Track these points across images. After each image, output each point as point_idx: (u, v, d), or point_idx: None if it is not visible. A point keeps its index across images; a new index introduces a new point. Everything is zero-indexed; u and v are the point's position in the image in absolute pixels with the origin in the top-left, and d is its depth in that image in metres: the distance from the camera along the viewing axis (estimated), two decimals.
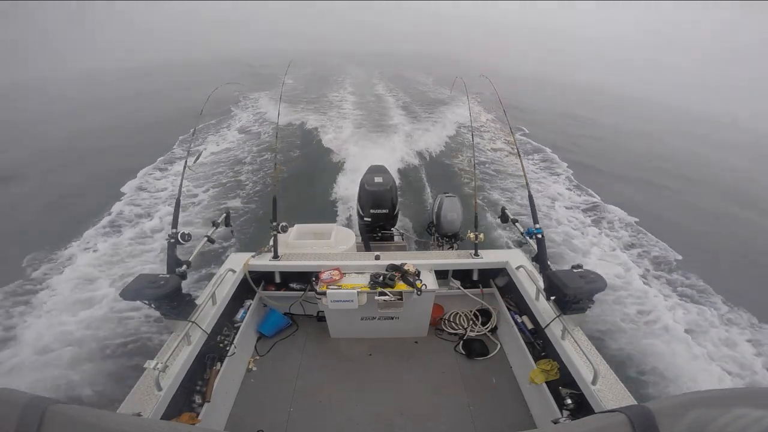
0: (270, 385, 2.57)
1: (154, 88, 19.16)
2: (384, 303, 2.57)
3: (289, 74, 3.66)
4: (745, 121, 26.57)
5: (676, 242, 6.77)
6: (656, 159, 13.79)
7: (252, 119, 13.27)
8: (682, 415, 0.46)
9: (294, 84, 19.24)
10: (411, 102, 16.72)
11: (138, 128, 12.55)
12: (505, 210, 2.95)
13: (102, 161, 9.56)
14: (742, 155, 17.27)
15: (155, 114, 14.39)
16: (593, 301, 2.16)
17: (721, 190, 11.59)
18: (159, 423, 1.09)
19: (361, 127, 11.83)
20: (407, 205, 6.79)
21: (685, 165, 13.79)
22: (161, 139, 10.61)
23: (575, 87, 34.00)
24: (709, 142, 19.42)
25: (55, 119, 13.92)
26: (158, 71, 25.68)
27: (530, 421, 2.33)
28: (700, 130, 22.21)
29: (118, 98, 17.15)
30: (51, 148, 10.59)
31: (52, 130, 12.40)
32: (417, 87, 21.57)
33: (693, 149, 16.91)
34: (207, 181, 8.15)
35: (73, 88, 19.86)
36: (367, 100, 16.36)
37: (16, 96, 18.21)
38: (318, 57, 35.69)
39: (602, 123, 19.45)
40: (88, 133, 12.04)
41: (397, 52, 52.04)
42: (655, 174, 11.95)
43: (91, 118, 13.78)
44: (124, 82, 22.21)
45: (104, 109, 15.17)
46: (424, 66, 32.45)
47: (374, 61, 34.65)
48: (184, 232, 2.34)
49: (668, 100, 32.94)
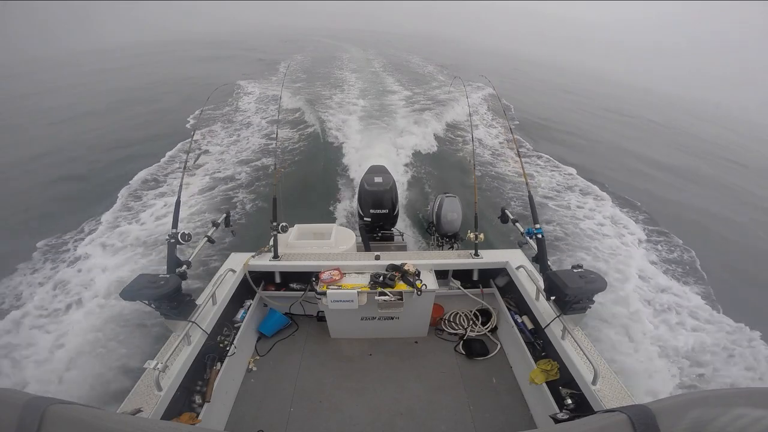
0: (270, 385, 2.57)
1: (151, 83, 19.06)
2: (384, 303, 2.57)
3: (289, 66, 3.66)
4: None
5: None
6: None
7: (252, 119, 13.26)
8: (683, 414, 0.46)
9: (294, 83, 19.22)
10: (413, 100, 16.72)
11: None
12: (505, 210, 2.94)
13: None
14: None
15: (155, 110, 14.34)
16: (593, 301, 2.16)
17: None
18: (159, 423, 1.09)
19: (361, 126, 11.82)
20: (407, 205, 6.79)
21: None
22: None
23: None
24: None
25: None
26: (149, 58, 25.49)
27: (530, 421, 2.33)
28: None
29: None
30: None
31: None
32: (417, 87, 21.59)
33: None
34: (207, 180, 8.14)
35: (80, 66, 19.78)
36: (367, 97, 16.36)
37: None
38: (315, 38, 35.19)
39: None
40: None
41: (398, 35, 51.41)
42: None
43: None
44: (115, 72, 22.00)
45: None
46: (427, 53, 32.19)
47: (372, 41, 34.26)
48: (184, 232, 2.34)
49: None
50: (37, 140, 10.85)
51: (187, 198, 7.14)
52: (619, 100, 26.21)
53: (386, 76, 21.05)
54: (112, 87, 17.65)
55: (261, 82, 18.76)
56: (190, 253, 2.46)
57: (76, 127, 12.13)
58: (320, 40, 33.00)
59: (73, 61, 25.31)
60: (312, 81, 19.32)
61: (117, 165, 9.11)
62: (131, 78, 20.09)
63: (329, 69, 22.03)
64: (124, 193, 7.37)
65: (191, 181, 7.82)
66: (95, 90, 17.16)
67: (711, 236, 7.93)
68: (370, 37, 33.20)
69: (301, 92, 16.13)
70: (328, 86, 18.15)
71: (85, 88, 17.77)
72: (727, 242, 7.88)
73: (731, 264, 6.85)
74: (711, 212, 9.45)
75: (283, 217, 2.88)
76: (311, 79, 19.42)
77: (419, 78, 22.64)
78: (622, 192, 8.96)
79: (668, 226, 7.58)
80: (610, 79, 35.75)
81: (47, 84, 18.59)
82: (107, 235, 5.91)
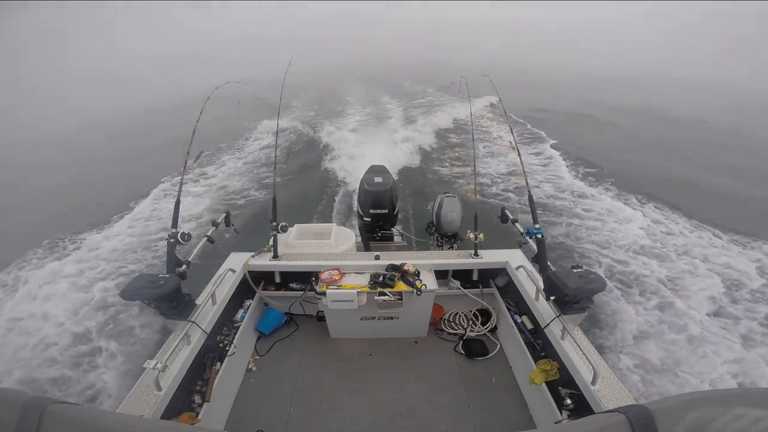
0: (270, 385, 2.56)
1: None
2: (384, 303, 2.57)
3: (290, 64, 3.66)
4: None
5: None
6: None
7: (252, 119, 13.25)
8: (682, 415, 0.46)
9: (295, 82, 19.19)
10: (411, 99, 16.72)
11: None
12: (505, 210, 2.94)
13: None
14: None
15: (154, 110, 14.36)
16: (593, 301, 2.16)
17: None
18: (159, 423, 1.09)
19: (361, 126, 11.82)
20: (407, 205, 6.79)
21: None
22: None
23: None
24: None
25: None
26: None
27: (530, 421, 2.33)
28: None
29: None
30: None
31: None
32: (417, 84, 21.58)
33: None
34: (207, 180, 8.14)
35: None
36: (366, 96, 16.37)
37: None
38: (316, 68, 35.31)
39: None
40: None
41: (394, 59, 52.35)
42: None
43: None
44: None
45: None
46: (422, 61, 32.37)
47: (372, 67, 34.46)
48: (184, 232, 2.34)
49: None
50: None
51: (186, 198, 7.15)
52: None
53: (381, 84, 21.14)
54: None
55: (261, 82, 18.76)
56: (190, 252, 2.46)
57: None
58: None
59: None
60: (311, 82, 19.34)
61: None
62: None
63: (327, 77, 22.15)
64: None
65: (191, 181, 7.83)
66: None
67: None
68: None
69: (301, 92, 16.16)
70: (325, 89, 18.18)
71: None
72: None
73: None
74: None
75: (283, 217, 2.88)
76: (311, 81, 19.46)
77: (419, 84, 22.75)
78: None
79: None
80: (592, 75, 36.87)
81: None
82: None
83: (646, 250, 6.02)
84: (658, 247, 6.12)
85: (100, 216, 7.19)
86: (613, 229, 6.64)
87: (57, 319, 4.40)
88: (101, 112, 19.53)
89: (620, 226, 6.76)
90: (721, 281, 5.27)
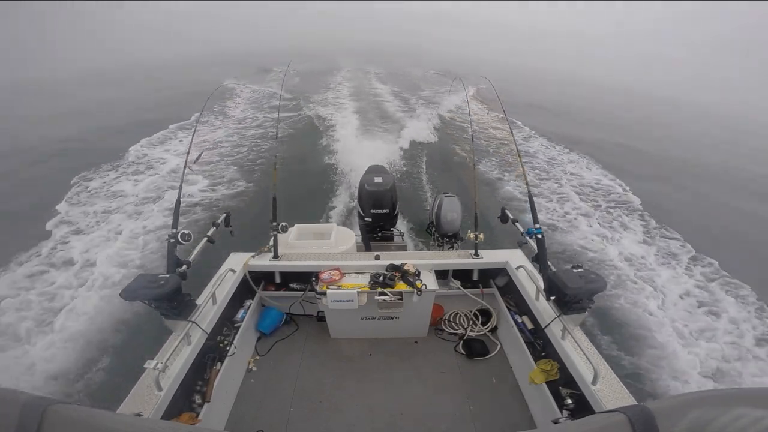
0: (270, 385, 2.57)
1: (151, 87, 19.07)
2: (384, 303, 2.57)
3: (289, 71, 3.66)
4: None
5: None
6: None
7: (252, 119, 13.25)
8: (682, 415, 0.46)
9: (295, 82, 19.22)
10: (410, 99, 16.74)
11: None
12: (505, 210, 2.94)
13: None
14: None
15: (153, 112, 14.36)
16: (593, 301, 2.16)
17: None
18: (159, 423, 1.09)
19: (361, 126, 11.83)
20: (407, 205, 6.79)
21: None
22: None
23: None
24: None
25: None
26: (157, 70, 25.63)
27: (530, 421, 2.33)
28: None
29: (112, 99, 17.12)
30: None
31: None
32: (417, 85, 21.59)
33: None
34: (207, 180, 8.14)
35: (76, 85, 19.88)
36: (365, 96, 16.39)
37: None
38: (314, 54, 35.39)
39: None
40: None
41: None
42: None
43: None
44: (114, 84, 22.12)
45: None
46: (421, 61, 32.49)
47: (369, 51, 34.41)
48: (184, 232, 2.33)
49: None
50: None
51: (186, 197, 7.15)
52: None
53: (381, 84, 21.13)
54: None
55: (261, 82, 18.78)
56: (190, 252, 2.46)
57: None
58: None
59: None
60: (311, 82, 19.33)
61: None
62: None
63: (326, 76, 22.15)
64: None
65: (191, 180, 7.82)
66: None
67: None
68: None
69: (301, 93, 16.17)
70: (324, 89, 18.19)
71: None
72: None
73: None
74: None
75: (283, 217, 2.88)
76: (310, 81, 19.45)
77: (418, 82, 22.71)
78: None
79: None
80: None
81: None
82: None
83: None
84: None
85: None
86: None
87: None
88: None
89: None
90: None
